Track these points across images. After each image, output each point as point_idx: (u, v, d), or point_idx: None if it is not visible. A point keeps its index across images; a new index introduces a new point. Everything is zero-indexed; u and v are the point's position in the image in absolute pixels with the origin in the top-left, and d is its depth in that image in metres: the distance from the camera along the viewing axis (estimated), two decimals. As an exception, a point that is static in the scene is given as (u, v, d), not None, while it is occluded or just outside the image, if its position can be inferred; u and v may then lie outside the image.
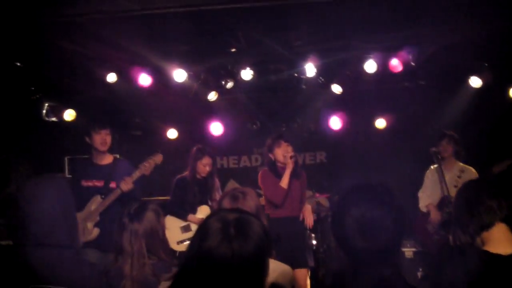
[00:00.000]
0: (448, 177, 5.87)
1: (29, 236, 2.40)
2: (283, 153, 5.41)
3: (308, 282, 5.35)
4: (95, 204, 5.00)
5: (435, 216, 5.84)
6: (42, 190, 2.49)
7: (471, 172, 5.85)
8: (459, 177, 5.65)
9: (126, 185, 4.94)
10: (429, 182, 6.13)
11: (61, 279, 2.36)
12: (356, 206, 2.00)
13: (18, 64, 6.11)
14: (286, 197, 5.37)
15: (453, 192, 5.56)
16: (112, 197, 4.90)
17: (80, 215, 4.91)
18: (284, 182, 5.32)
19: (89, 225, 4.93)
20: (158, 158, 5.34)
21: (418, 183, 6.41)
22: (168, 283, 2.52)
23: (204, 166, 5.93)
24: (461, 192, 2.75)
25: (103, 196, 4.99)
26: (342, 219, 2.02)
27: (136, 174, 5.10)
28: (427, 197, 6.09)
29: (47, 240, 2.39)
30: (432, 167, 6.17)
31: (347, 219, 1.99)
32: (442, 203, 5.85)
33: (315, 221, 7.11)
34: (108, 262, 4.48)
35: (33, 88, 6.72)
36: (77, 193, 4.95)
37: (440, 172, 5.72)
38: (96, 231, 4.95)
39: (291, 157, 5.35)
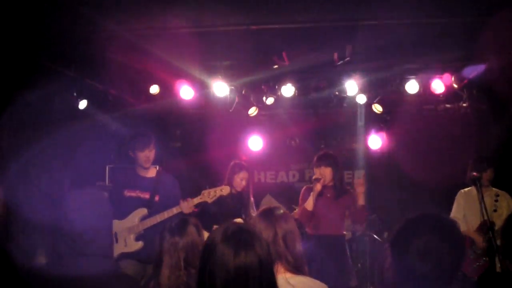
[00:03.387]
0: (485, 202, 5.79)
1: (72, 243, 2.47)
2: (318, 174, 5.45)
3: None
4: (139, 216, 4.98)
5: (481, 242, 5.67)
6: (90, 199, 2.56)
7: (507, 196, 5.75)
8: (496, 201, 5.52)
9: (188, 209, 4.92)
10: (462, 207, 6.00)
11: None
12: (421, 234, 2.06)
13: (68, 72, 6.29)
14: (311, 218, 5.38)
15: (493, 217, 5.48)
16: (166, 215, 4.87)
17: (122, 225, 4.96)
18: (308, 204, 5.34)
19: (132, 236, 4.92)
20: (225, 191, 5.30)
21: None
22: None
23: (240, 180, 6.00)
24: None
25: (149, 210, 4.99)
26: (406, 245, 2.07)
27: (198, 199, 5.09)
28: (462, 222, 5.95)
29: (88, 249, 2.46)
30: (463, 191, 6.04)
31: (411, 246, 2.04)
32: (483, 229, 5.73)
33: (350, 239, 7.12)
34: (147, 274, 4.60)
35: (79, 97, 6.86)
36: (119, 202, 4.99)
37: (480, 197, 5.60)
38: (140, 244, 4.93)
39: (315, 180, 5.36)
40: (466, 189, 6.04)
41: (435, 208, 6.27)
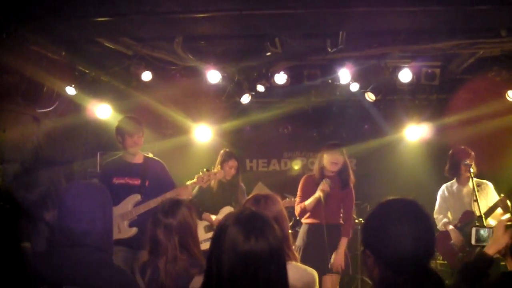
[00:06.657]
0: (466, 191, 5.82)
1: (68, 234, 2.44)
2: (335, 158, 5.51)
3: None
4: (132, 202, 4.98)
5: (457, 238, 5.71)
6: (86, 191, 2.55)
7: (488, 185, 5.80)
8: (477, 191, 5.56)
9: (188, 195, 5.04)
10: (445, 201, 6.03)
11: (92, 281, 2.39)
12: (396, 220, 2.06)
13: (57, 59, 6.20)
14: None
15: (474, 206, 5.50)
16: (160, 200, 4.72)
17: (114, 212, 4.85)
18: (310, 204, 5.42)
19: (126, 223, 4.93)
20: (219, 174, 5.47)
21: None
22: (200, 278, 2.56)
23: (230, 168, 6.06)
24: None
25: (142, 196, 4.99)
26: (382, 232, 2.08)
27: (191, 183, 5.24)
28: (444, 216, 5.98)
29: (83, 240, 2.43)
30: (445, 185, 6.07)
31: (389, 232, 2.05)
32: (466, 218, 5.75)
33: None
34: (137, 259, 4.58)
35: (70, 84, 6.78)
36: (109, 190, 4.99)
37: (473, 187, 5.58)
38: (134, 230, 4.95)
39: (325, 180, 5.37)
40: (448, 183, 6.06)
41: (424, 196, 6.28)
